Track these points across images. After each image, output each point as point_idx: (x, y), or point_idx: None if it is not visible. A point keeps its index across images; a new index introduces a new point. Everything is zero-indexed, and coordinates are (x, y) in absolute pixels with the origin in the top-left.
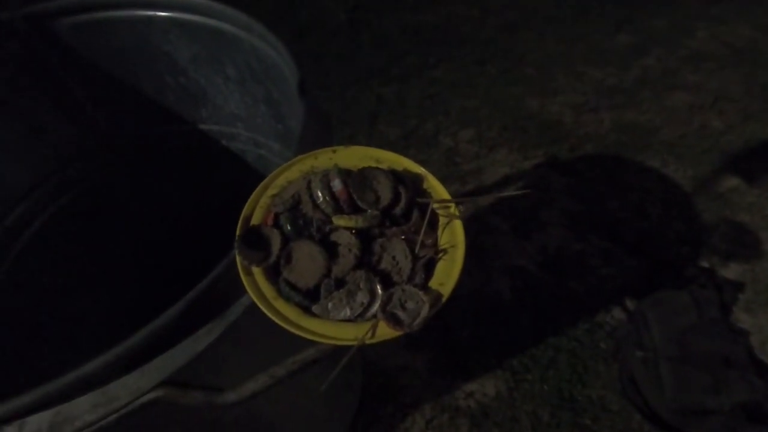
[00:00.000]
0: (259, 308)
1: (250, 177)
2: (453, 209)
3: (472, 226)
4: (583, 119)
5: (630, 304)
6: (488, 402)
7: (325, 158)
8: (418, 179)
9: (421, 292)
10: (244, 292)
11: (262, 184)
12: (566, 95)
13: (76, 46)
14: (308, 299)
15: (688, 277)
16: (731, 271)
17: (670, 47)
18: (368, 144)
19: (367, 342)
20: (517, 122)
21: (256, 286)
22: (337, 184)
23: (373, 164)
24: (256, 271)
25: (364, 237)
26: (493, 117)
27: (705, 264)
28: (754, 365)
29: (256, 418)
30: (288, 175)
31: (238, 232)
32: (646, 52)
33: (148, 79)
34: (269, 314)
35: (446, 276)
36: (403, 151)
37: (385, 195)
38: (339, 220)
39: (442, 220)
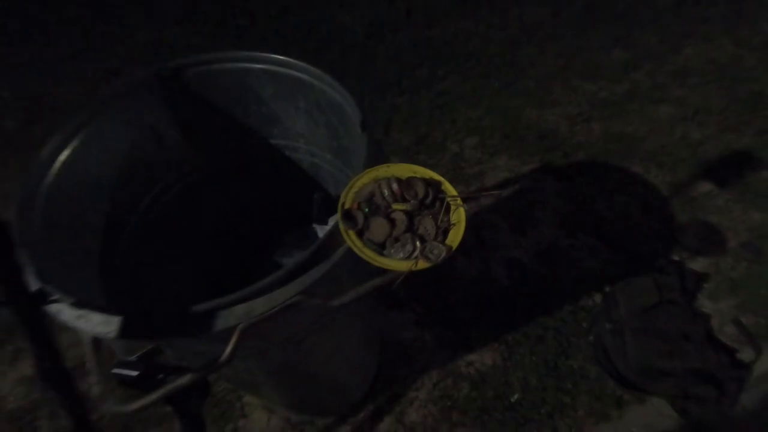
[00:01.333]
0: (354, 252)
1: (304, 178)
2: (459, 201)
3: (475, 223)
4: (576, 129)
5: (608, 289)
6: (486, 370)
7: (383, 170)
8: (439, 183)
9: (441, 245)
10: (344, 242)
11: (348, 185)
12: (562, 107)
13: (196, 87)
14: (380, 248)
15: (658, 267)
16: (698, 264)
17: (659, 63)
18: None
19: (413, 269)
20: (516, 131)
21: (352, 240)
22: (394, 186)
23: (413, 174)
24: (351, 233)
25: (410, 215)
26: (495, 126)
27: (676, 258)
28: (710, 342)
29: (318, 353)
30: (362, 181)
31: (339, 213)
32: (637, 67)
33: (239, 108)
34: (361, 255)
35: (455, 237)
36: (414, 156)
37: (421, 192)
38: (396, 206)
39: (452, 208)
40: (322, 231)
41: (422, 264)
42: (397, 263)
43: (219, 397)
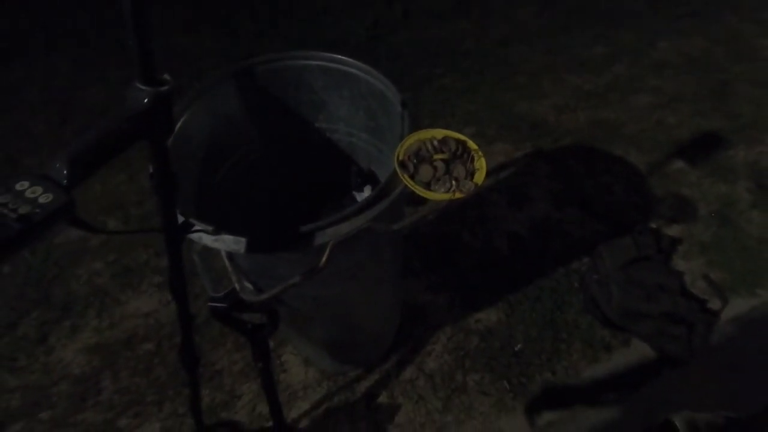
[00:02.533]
0: (409, 188)
1: (340, 154)
2: (480, 153)
3: (478, 201)
4: (563, 118)
5: (595, 253)
6: (492, 325)
7: (424, 133)
8: (465, 141)
9: (470, 182)
10: (400, 183)
11: (399, 145)
12: (551, 99)
13: (263, 81)
14: (427, 186)
15: (637, 231)
16: (673, 231)
17: (637, 57)
18: None
19: (452, 198)
20: (510, 121)
21: (407, 180)
22: (435, 143)
23: (446, 135)
24: (405, 176)
25: (447, 163)
26: (492, 117)
27: (653, 225)
28: (683, 293)
29: (364, 291)
30: (409, 141)
31: (395, 163)
32: (617, 61)
33: (294, 97)
34: (414, 189)
35: (479, 178)
36: None
37: (453, 147)
38: (436, 156)
39: (476, 158)
40: (359, 197)
41: (458, 195)
42: (440, 195)
43: None
